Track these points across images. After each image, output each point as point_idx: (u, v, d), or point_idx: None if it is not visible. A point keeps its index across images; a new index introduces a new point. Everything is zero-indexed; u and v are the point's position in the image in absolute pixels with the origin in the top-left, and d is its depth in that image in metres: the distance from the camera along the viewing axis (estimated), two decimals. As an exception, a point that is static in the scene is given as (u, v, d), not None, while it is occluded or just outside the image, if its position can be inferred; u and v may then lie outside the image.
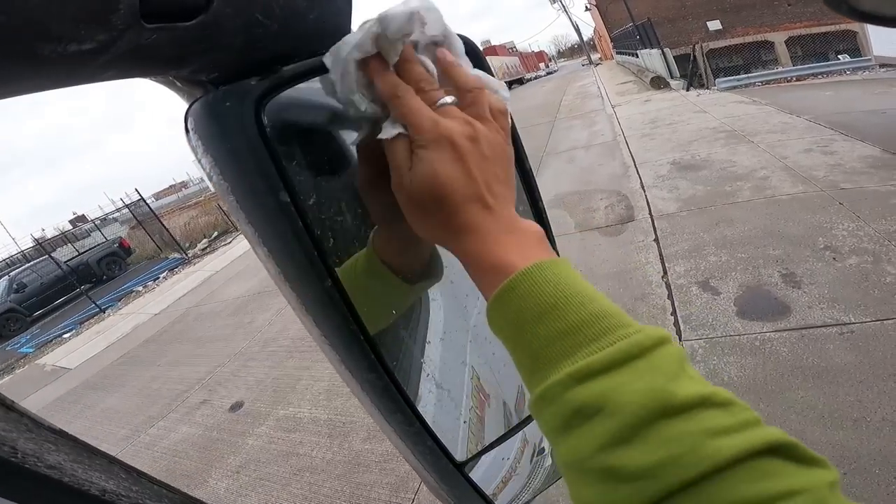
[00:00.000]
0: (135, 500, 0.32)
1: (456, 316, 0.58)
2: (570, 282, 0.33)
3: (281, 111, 0.38)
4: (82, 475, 0.29)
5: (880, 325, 2.76)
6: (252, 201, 0.37)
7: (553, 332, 0.30)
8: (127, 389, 5.75)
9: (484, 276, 0.36)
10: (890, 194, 4.27)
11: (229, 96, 0.36)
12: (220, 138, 0.36)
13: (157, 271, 13.11)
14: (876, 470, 1.99)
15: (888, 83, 9.26)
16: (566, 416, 0.28)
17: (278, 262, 0.39)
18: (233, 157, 0.36)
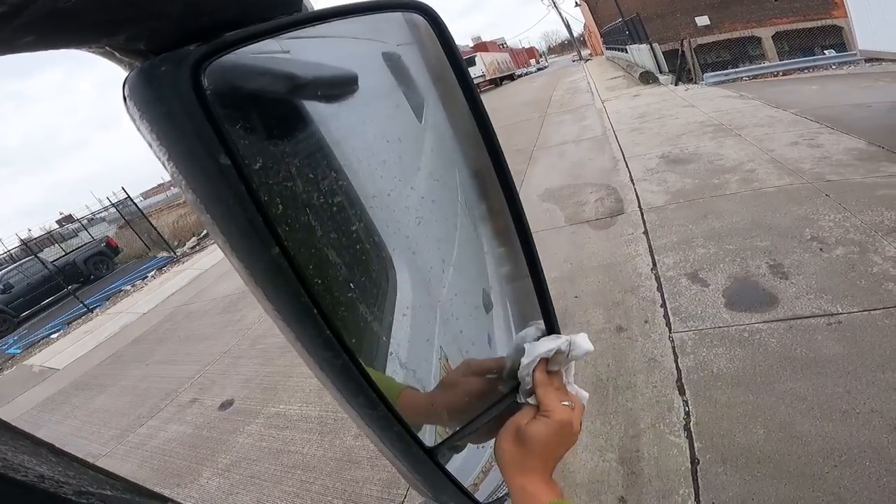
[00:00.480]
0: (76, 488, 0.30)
1: (422, 293, 0.56)
2: None
3: (224, 76, 0.36)
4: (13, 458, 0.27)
5: (868, 315, 2.79)
6: (191, 165, 0.36)
7: None
8: (116, 389, 5.68)
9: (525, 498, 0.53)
10: (875, 186, 4.33)
11: (165, 62, 0.35)
12: (156, 103, 0.35)
13: (146, 270, 12.97)
14: (866, 462, 1.98)
15: (873, 77, 9.38)
16: None
17: (222, 229, 0.37)
18: (168, 120, 0.35)
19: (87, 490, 0.30)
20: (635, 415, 2.61)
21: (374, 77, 0.51)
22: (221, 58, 0.36)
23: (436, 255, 0.57)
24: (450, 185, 0.59)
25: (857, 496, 1.87)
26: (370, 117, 0.51)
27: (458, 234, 0.60)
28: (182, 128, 0.34)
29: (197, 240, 14.84)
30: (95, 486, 0.31)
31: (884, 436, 2.07)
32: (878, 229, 3.61)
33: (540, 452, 0.53)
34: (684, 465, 2.23)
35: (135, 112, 0.35)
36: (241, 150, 0.36)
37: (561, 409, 0.55)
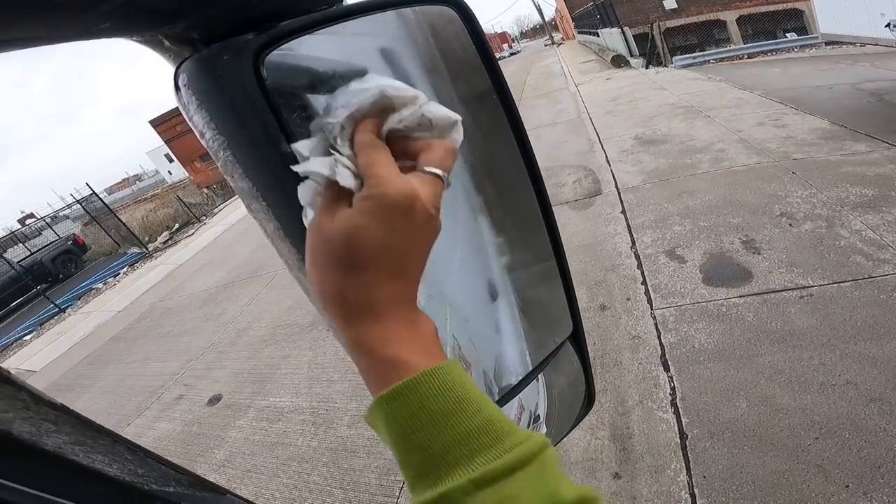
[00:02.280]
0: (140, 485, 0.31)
1: (432, 284, 0.56)
2: (465, 387, 0.32)
3: (280, 65, 0.37)
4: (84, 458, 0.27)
5: (837, 287, 2.95)
6: (251, 154, 0.36)
7: (450, 438, 0.30)
8: (97, 389, 5.54)
9: (377, 369, 0.33)
10: (839, 163, 4.54)
11: (226, 50, 0.35)
12: (217, 92, 0.35)
13: (117, 267, 12.55)
14: (846, 434, 2.09)
15: (833, 60, 9.73)
16: None
17: (278, 215, 0.38)
18: (231, 110, 0.35)
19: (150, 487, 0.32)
20: (623, 392, 2.71)
21: (401, 72, 0.52)
22: (279, 47, 0.37)
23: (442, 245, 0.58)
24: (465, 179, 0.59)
25: (840, 468, 1.96)
26: None
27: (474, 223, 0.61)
28: (245, 117, 0.35)
29: (169, 234, 14.42)
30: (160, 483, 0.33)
31: (860, 408, 2.18)
32: (844, 204, 3.80)
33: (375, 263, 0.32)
34: (674, 441, 2.32)
35: (191, 101, 0.36)
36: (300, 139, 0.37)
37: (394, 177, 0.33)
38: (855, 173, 4.26)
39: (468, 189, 0.61)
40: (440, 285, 0.58)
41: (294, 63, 0.40)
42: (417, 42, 0.53)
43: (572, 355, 0.72)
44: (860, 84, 7.23)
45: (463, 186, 0.60)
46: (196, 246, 11.32)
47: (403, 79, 0.52)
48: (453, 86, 0.56)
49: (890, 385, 2.24)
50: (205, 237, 12.03)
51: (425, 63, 0.54)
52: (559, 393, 0.75)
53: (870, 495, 1.83)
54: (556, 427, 0.75)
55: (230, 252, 9.13)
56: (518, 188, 0.63)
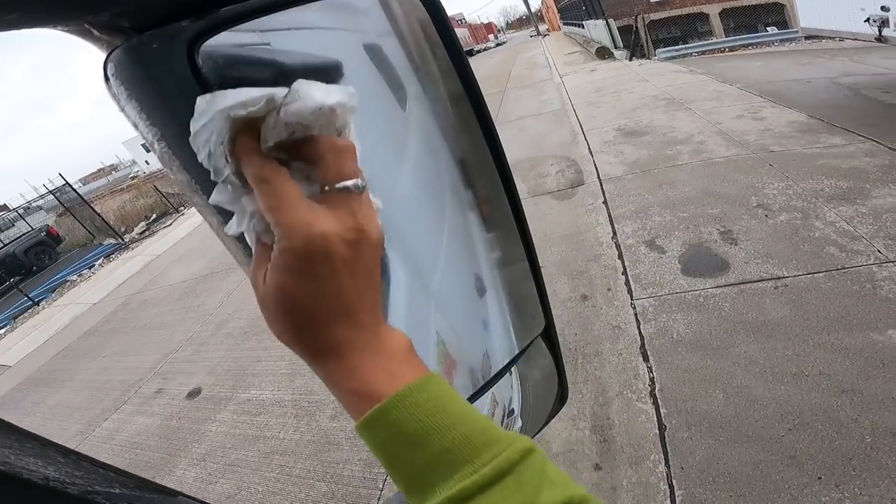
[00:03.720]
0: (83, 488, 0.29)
1: (415, 280, 0.56)
2: (439, 403, 0.32)
3: (217, 54, 0.34)
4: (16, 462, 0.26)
5: (811, 278, 3.02)
6: (186, 145, 0.33)
7: (425, 459, 0.30)
8: (74, 383, 5.41)
9: (348, 401, 0.32)
10: (815, 156, 4.63)
11: (157, 38, 0.33)
12: (147, 81, 0.33)
13: (92, 258, 12.26)
14: (818, 425, 2.13)
15: (813, 54, 9.90)
16: None
17: (219, 209, 0.35)
18: (162, 100, 0.33)
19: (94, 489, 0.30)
20: (604, 383, 2.74)
21: (358, 65, 0.50)
22: (216, 35, 0.34)
23: (426, 241, 0.57)
24: (437, 173, 0.58)
25: (812, 459, 2.00)
26: None
27: (447, 221, 0.59)
28: (178, 107, 0.32)
29: (146, 224, 14.12)
30: (103, 485, 0.31)
31: (833, 399, 2.23)
32: (819, 196, 3.88)
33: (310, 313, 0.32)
34: (653, 432, 2.35)
35: (121, 91, 0.33)
36: None
37: (302, 216, 0.30)
38: (830, 166, 4.35)
39: (441, 185, 0.60)
40: (426, 281, 0.57)
41: (236, 49, 0.37)
42: (380, 34, 0.51)
43: (545, 351, 0.71)
44: (838, 78, 7.37)
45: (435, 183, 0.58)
46: (174, 236, 11.10)
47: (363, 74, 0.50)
48: (418, 81, 0.54)
49: (861, 376, 2.29)
50: (183, 227, 11.80)
51: (389, 57, 0.52)
52: (533, 388, 0.74)
53: (841, 487, 1.87)
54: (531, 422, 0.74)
55: (209, 242, 8.96)
56: (488, 186, 0.61)
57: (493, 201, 0.62)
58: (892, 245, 3.10)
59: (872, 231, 3.29)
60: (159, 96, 0.33)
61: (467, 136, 0.57)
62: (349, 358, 0.32)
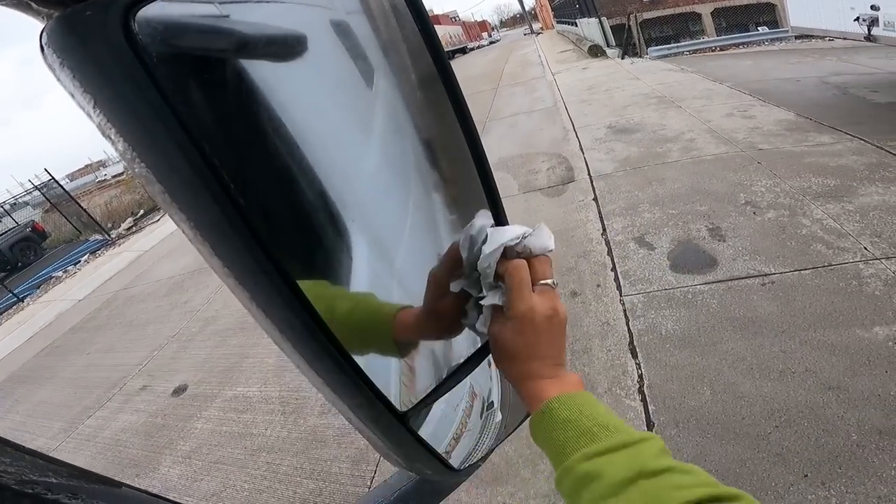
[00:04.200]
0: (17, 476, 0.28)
1: (380, 259, 0.54)
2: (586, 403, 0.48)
3: (157, 23, 0.33)
4: None
5: (798, 275, 3.03)
6: (121, 112, 0.33)
7: (571, 434, 0.45)
8: (58, 381, 5.32)
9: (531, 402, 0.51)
10: (803, 154, 4.66)
11: (91, 6, 0.32)
12: (79, 48, 0.32)
13: (78, 254, 12.09)
14: (805, 423, 2.13)
15: (802, 54, 9.98)
16: (577, 482, 0.42)
17: (160, 178, 0.34)
18: (93, 63, 0.32)
19: (29, 478, 0.29)
20: (593, 379, 2.73)
21: (323, 42, 0.48)
22: (154, 2, 0.33)
23: (391, 221, 0.55)
24: (405, 154, 0.57)
25: (799, 457, 2.01)
26: (319, 82, 0.47)
27: (412, 201, 0.58)
28: (111, 71, 0.32)
29: (133, 220, 13.95)
30: (37, 474, 0.30)
31: (819, 396, 2.23)
32: (806, 194, 3.91)
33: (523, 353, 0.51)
34: (641, 429, 2.36)
35: (54, 60, 0.32)
36: (179, 98, 0.33)
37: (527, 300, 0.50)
38: (818, 164, 4.38)
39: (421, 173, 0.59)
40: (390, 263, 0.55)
41: (183, 21, 0.36)
42: (349, 12, 0.50)
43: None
44: (827, 77, 7.44)
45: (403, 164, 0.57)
46: (162, 232, 10.96)
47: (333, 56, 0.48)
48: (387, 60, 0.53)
49: (847, 373, 2.30)
50: (171, 223, 11.65)
51: (357, 34, 0.50)
52: None
53: (827, 485, 1.88)
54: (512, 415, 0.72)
55: (198, 239, 8.87)
56: (459, 167, 0.60)
57: (464, 182, 0.60)
58: (879, 242, 3.13)
59: (859, 228, 3.32)
60: (92, 62, 0.32)
61: (443, 122, 0.56)
62: (536, 381, 0.51)
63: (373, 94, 0.52)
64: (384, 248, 0.55)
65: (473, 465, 0.63)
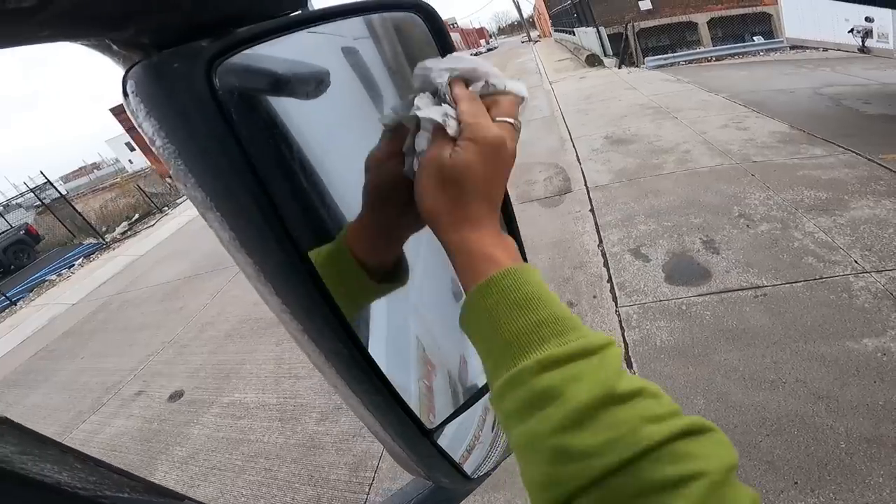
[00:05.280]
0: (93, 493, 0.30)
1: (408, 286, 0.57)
2: (540, 286, 0.38)
3: (233, 73, 0.36)
4: (32, 467, 0.27)
5: (790, 287, 3.08)
6: (203, 163, 0.36)
7: (524, 325, 0.35)
8: (51, 385, 5.30)
9: (474, 263, 0.40)
10: (796, 166, 4.73)
11: (177, 57, 0.34)
12: (167, 99, 0.34)
13: (72, 258, 12.02)
14: (795, 431, 2.18)
15: (796, 64, 10.11)
16: (530, 398, 0.33)
17: (232, 226, 0.37)
18: (181, 119, 0.35)
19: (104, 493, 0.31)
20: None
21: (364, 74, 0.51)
22: (233, 55, 0.36)
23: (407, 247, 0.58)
24: None
25: (789, 464, 2.05)
26: (348, 114, 0.51)
27: None
28: (196, 125, 0.34)
29: (128, 224, 13.90)
30: (113, 490, 0.32)
31: (809, 405, 2.28)
32: (799, 207, 3.97)
33: (475, 189, 0.40)
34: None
35: (140, 108, 0.35)
36: (253, 148, 0.36)
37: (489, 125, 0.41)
38: (810, 177, 4.45)
39: None
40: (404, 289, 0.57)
41: (250, 67, 0.39)
42: (382, 46, 0.53)
43: None
44: (820, 89, 7.55)
45: None
46: (157, 237, 10.95)
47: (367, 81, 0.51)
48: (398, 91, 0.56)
49: (837, 383, 2.35)
50: (167, 228, 11.64)
51: (390, 66, 0.53)
52: None
53: (817, 492, 1.92)
54: None
55: (194, 244, 8.85)
56: None
57: None
58: (869, 255, 3.18)
59: (850, 242, 3.37)
60: (178, 114, 0.35)
61: None
62: (482, 230, 0.41)
63: None
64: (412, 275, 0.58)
65: (485, 473, 0.65)
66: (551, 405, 0.31)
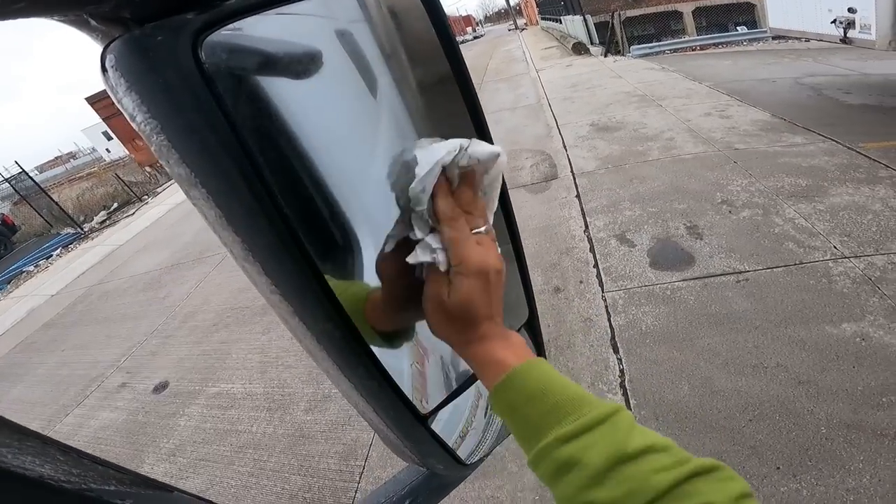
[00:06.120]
0: (78, 485, 0.30)
1: None
2: (549, 375, 0.44)
3: (221, 48, 0.35)
4: (13, 460, 0.26)
5: (770, 272, 3.14)
6: (189, 139, 0.34)
7: (541, 411, 0.41)
8: (31, 378, 5.18)
9: (488, 371, 0.46)
10: (777, 154, 4.81)
11: (160, 31, 0.33)
12: (150, 73, 0.33)
13: (50, 249, 11.71)
14: (777, 417, 2.22)
15: (779, 54, 10.23)
16: (556, 469, 0.39)
17: (219, 203, 0.36)
18: (165, 93, 0.33)
19: (89, 486, 0.30)
20: (576, 375, 2.80)
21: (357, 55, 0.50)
22: (220, 29, 0.34)
23: None
24: None
25: (771, 450, 2.09)
26: (339, 95, 0.50)
27: None
28: (181, 100, 0.33)
29: (107, 213, 13.58)
30: (99, 482, 0.31)
31: (790, 390, 2.33)
32: (780, 193, 4.04)
33: (476, 315, 0.46)
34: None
35: (120, 83, 0.33)
36: (241, 124, 0.35)
37: (475, 254, 0.45)
38: (791, 164, 4.53)
39: None
40: None
41: (238, 42, 0.37)
42: (376, 25, 0.51)
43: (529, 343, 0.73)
44: (802, 79, 7.65)
45: None
46: (137, 226, 10.71)
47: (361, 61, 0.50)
48: (412, 71, 0.54)
49: (816, 368, 2.41)
50: (147, 217, 11.40)
51: (384, 47, 0.52)
52: None
53: (798, 477, 1.96)
54: None
55: (175, 232, 8.70)
56: None
57: None
58: (848, 241, 3.26)
59: (829, 228, 3.45)
60: (162, 89, 0.33)
61: (457, 123, 0.58)
62: (491, 342, 0.46)
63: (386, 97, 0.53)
64: None
65: (479, 459, 0.66)
66: (572, 471, 0.38)
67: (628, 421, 0.40)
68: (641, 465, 0.36)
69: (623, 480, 0.36)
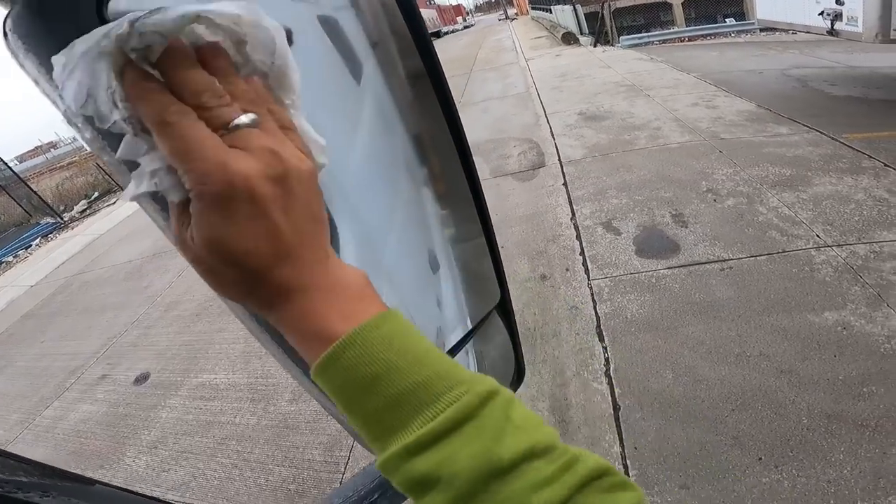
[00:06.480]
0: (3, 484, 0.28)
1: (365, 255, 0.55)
2: (394, 343, 0.30)
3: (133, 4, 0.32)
4: None
5: (754, 260, 3.16)
6: None
7: (382, 404, 0.29)
8: (11, 371, 5.06)
9: (304, 346, 0.31)
10: (762, 144, 4.84)
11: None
12: (49, 35, 0.30)
13: (29, 238, 11.47)
14: (759, 406, 2.23)
15: (766, 46, 10.29)
16: (409, 487, 0.28)
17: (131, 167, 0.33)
18: None
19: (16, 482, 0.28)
20: (562, 363, 2.79)
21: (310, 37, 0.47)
22: None
23: (378, 216, 0.56)
24: (391, 149, 0.57)
25: (754, 440, 2.10)
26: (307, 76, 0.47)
27: (400, 196, 0.59)
28: None
29: (87, 203, 13.31)
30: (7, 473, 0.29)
31: (772, 380, 2.34)
32: (764, 182, 4.06)
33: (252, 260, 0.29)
34: (608, 412, 2.41)
35: (18, 46, 0.31)
36: None
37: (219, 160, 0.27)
38: (775, 154, 4.56)
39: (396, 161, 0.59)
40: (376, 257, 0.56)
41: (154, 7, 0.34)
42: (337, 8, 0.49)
43: (501, 328, 0.71)
44: (788, 70, 7.70)
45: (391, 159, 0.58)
46: (119, 215, 10.52)
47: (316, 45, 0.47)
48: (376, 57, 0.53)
49: (798, 357, 2.42)
50: (129, 206, 11.17)
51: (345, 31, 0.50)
52: (490, 368, 0.75)
53: (780, 468, 1.97)
54: None
55: (159, 222, 8.53)
56: (445, 163, 0.61)
57: (450, 178, 0.62)
58: (830, 230, 3.29)
59: (812, 217, 3.48)
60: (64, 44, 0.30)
61: (426, 114, 0.57)
62: (299, 300, 0.30)
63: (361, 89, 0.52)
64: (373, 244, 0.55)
65: None
66: (430, 494, 0.27)
67: (502, 411, 0.29)
68: (519, 481, 0.27)
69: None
